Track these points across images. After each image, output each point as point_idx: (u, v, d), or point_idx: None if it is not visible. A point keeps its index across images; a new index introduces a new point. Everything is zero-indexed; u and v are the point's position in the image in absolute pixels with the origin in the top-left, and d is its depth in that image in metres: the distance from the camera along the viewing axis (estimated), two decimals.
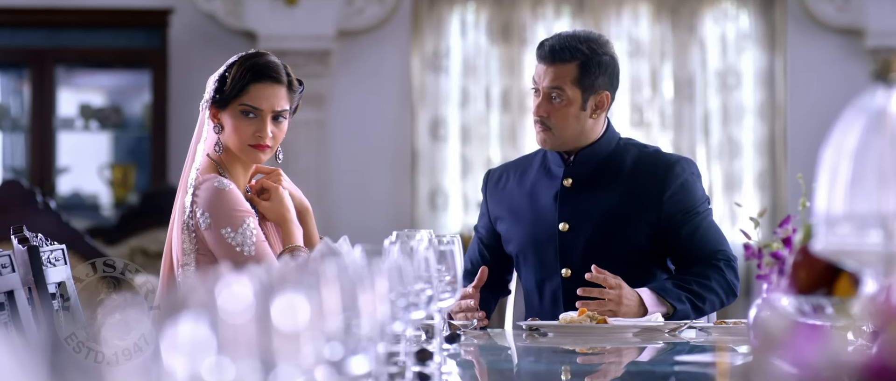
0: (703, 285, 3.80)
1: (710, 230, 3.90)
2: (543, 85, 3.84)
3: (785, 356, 1.54)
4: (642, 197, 3.86)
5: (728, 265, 3.85)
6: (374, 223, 7.98)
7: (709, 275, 3.82)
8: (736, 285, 3.87)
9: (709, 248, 3.86)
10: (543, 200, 3.94)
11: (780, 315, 2.06)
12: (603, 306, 3.67)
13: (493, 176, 4.08)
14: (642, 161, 3.91)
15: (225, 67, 3.55)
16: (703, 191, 3.94)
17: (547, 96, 3.84)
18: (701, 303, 3.79)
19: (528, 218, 3.94)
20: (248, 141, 3.50)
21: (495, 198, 4.03)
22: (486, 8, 8.16)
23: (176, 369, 1.17)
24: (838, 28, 8.13)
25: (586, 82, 3.83)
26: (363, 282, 1.69)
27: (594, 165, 3.91)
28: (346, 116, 8.17)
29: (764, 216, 2.72)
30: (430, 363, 2.44)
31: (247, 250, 3.40)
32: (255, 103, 3.49)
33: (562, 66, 3.83)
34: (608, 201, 3.87)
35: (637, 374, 3.00)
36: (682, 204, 3.85)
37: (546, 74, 3.84)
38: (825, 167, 1.76)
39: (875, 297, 1.76)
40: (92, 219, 8.00)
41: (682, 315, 3.74)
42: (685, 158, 3.96)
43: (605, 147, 3.92)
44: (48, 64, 7.94)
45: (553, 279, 3.90)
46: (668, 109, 8.11)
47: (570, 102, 3.83)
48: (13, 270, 3.09)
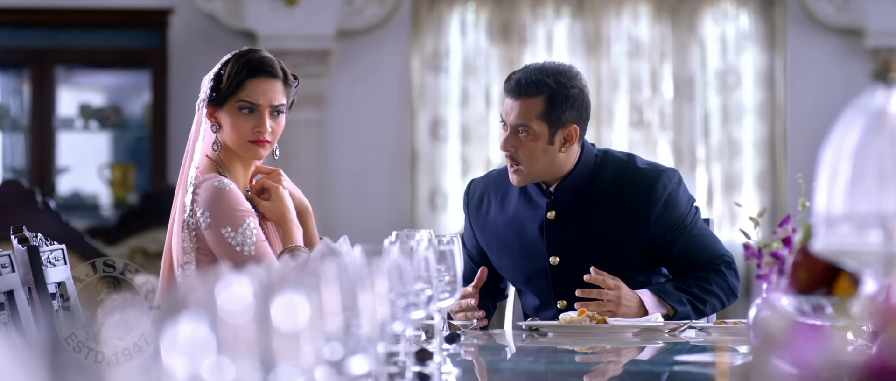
0: (704, 288, 3.80)
1: (703, 238, 3.86)
2: (510, 120, 3.81)
3: (785, 356, 1.54)
4: (628, 221, 3.82)
5: (729, 268, 3.84)
6: (374, 223, 7.98)
7: (709, 278, 3.81)
8: (736, 286, 3.86)
9: (706, 256, 3.84)
10: (529, 232, 3.90)
11: (780, 315, 2.06)
12: (602, 307, 3.67)
13: (473, 196, 4.04)
14: (623, 180, 3.85)
15: (220, 66, 3.55)
16: (688, 197, 3.89)
17: (514, 131, 3.80)
18: (701, 305, 3.78)
19: (516, 251, 3.92)
20: (248, 137, 3.50)
21: (479, 225, 4.00)
22: (486, 8, 8.15)
23: (176, 369, 1.17)
24: (838, 28, 8.12)
25: (553, 117, 3.78)
26: (363, 282, 1.69)
27: (575, 195, 3.86)
28: (346, 116, 8.17)
29: (764, 216, 2.72)
30: (430, 363, 2.44)
31: (247, 249, 3.40)
32: (253, 99, 3.50)
33: (528, 99, 3.78)
34: (595, 231, 3.83)
35: (637, 374, 3.00)
36: (669, 221, 3.82)
37: (513, 109, 3.80)
38: (825, 167, 1.76)
39: (875, 297, 1.76)
40: (92, 219, 8.00)
41: (682, 317, 3.73)
42: (665, 171, 3.88)
43: (582, 173, 3.86)
44: (48, 64, 7.94)
45: (549, 309, 3.90)
46: (667, 109, 8.11)
47: (537, 137, 3.79)
48: (13, 270, 3.09)
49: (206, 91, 3.53)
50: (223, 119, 3.52)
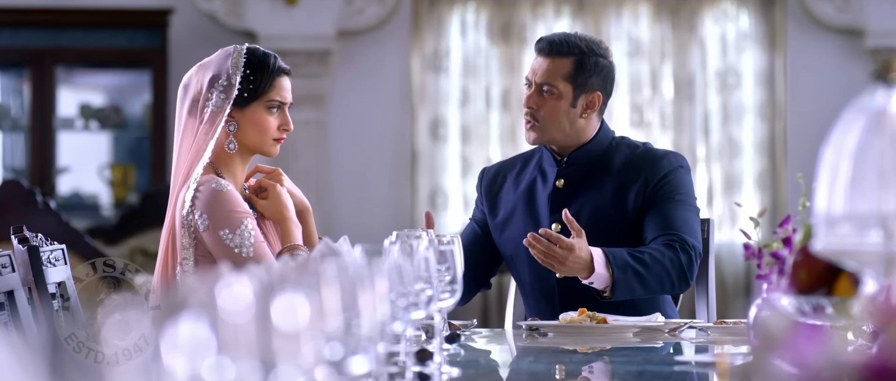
0: (655, 258, 3.74)
1: (679, 217, 3.83)
2: (536, 79, 3.88)
3: (785, 356, 1.54)
4: (629, 193, 3.86)
5: (683, 249, 3.77)
6: (374, 223, 7.98)
7: (662, 251, 3.76)
8: (688, 271, 3.76)
9: (668, 229, 3.80)
10: (538, 201, 3.95)
11: (780, 315, 2.06)
12: (546, 260, 3.63)
13: (487, 175, 4.10)
14: (632, 159, 3.92)
15: (227, 65, 3.52)
16: (690, 185, 3.90)
17: (538, 89, 3.88)
18: (645, 270, 3.72)
19: (521, 220, 3.95)
20: (274, 135, 3.56)
21: (490, 199, 4.04)
22: (486, 8, 8.15)
23: (176, 369, 1.17)
24: (838, 28, 8.12)
25: (580, 79, 3.86)
26: (363, 282, 1.69)
27: (586, 166, 3.92)
28: (346, 116, 8.17)
29: (764, 216, 2.72)
30: (430, 363, 2.44)
31: (245, 251, 3.40)
32: (282, 97, 3.57)
33: (558, 59, 3.87)
34: (598, 201, 3.87)
35: (637, 374, 3.00)
36: (662, 190, 3.84)
37: (541, 67, 3.89)
38: (825, 167, 1.76)
39: (875, 297, 1.76)
40: (92, 219, 8.00)
41: (623, 285, 3.70)
42: (673, 153, 3.97)
43: (597, 147, 3.93)
44: (48, 64, 7.94)
45: (548, 279, 3.90)
46: (668, 109, 8.11)
47: (561, 97, 3.86)
48: (13, 270, 3.09)
49: (225, 92, 3.50)
50: (245, 118, 3.52)
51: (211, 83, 3.52)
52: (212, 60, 3.57)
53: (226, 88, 3.51)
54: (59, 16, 8.02)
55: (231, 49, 3.55)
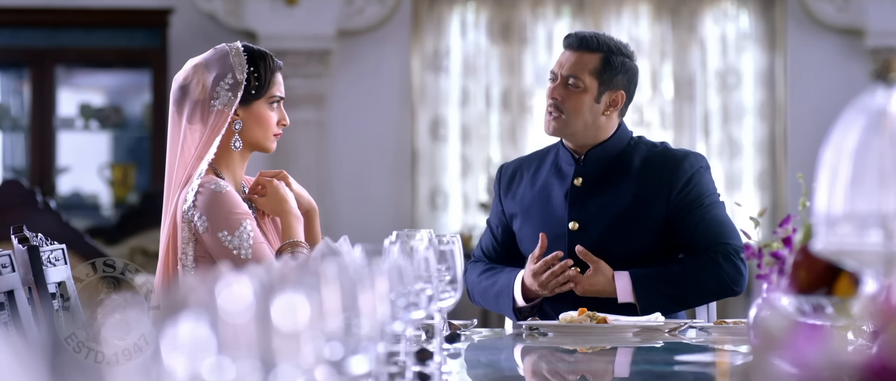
0: (689, 282, 3.81)
1: (715, 222, 3.89)
2: (563, 72, 3.92)
3: (785, 356, 1.54)
4: (651, 195, 3.88)
5: (726, 258, 3.83)
6: (374, 223, 7.97)
7: (699, 269, 3.81)
8: (735, 278, 3.83)
9: (709, 240, 3.86)
10: (554, 198, 3.97)
11: (780, 315, 2.06)
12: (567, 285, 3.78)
13: (506, 172, 4.12)
14: (651, 159, 3.94)
15: (234, 64, 3.51)
16: (713, 184, 3.97)
17: (564, 82, 3.92)
18: (678, 302, 3.83)
19: (538, 217, 3.97)
20: (274, 130, 3.57)
21: (509, 196, 4.07)
22: (486, 8, 8.15)
23: (176, 369, 1.17)
24: (838, 28, 8.12)
25: (606, 76, 3.91)
26: (363, 282, 1.69)
27: (604, 164, 3.94)
28: (346, 116, 8.17)
29: (764, 216, 2.72)
30: (430, 363, 2.44)
31: (244, 253, 3.39)
32: (281, 92, 3.59)
33: (586, 54, 3.92)
34: (618, 200, 3.90)
35: (637, 374, 3.00)
36: (689, 196, 3.89)
37: (568, 60, 3.93)
38: (825, 167, 1.76)
39: (875, 297, 1.76)
40: (92, 219, 8.00)
41: (652, 305, 3.77)
42: (693, 153, 4.01)
43: (616, 146, 3.96)
44: (48, 64, 7.94)
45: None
46: (668, 109, 8.11)
47: (586, 91, 3.90)
48: (13, 270, 3.09)
49: (232, 90, 3.50)
50: (250, 115, 3.53)
51: (216, 82, 3.52)
52: (209, 59, 3.56)
53: (233, 87, 3.51)
54: (59, 16, 8.02)
55: (226, 47, 3.55)
